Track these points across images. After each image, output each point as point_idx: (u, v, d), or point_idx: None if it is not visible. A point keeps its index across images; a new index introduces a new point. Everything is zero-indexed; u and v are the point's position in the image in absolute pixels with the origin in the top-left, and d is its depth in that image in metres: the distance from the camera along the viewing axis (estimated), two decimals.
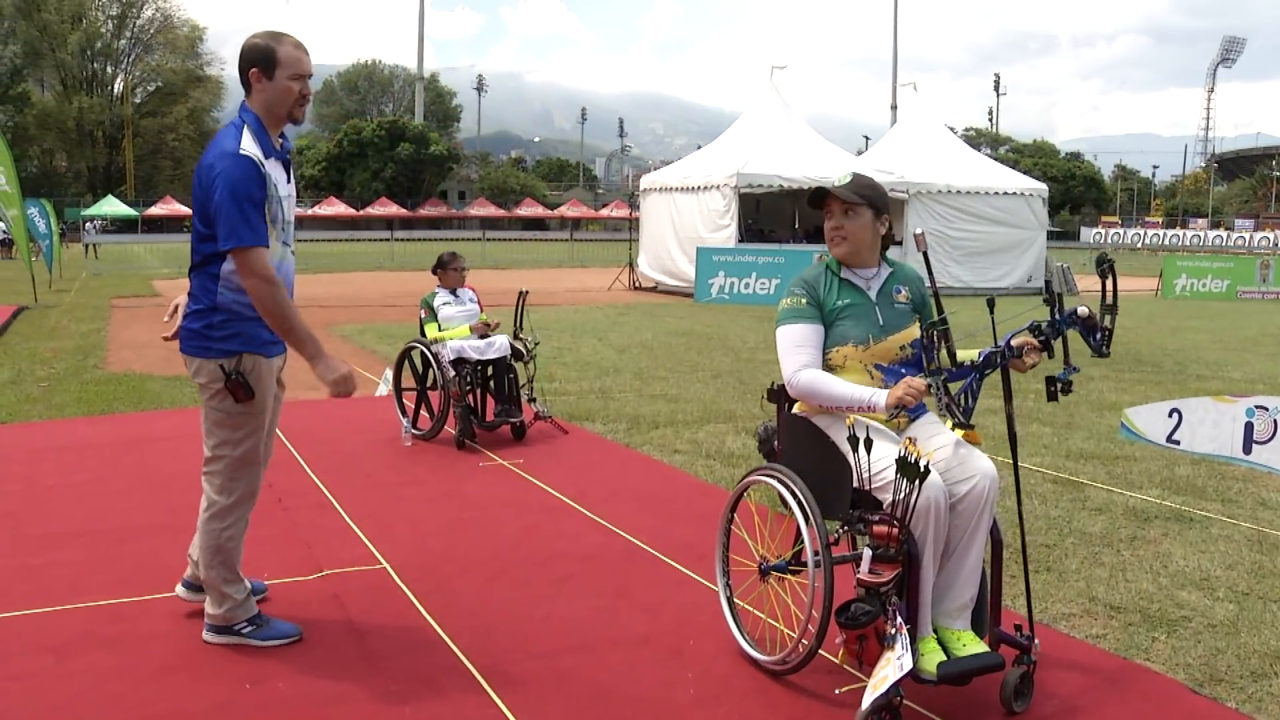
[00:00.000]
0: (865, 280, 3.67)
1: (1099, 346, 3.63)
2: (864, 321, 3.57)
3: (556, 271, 33.75)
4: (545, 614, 4.20)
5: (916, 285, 3.76)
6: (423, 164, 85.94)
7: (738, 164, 22.23)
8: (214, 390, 3.80)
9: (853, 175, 3.66)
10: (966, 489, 3.30)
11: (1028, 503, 6.00)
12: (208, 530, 3.92)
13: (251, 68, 3.73)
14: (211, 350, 3.77)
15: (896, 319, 3.61)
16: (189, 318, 3.82)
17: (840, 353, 3.54)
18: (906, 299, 3.69)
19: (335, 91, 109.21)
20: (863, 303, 3.61)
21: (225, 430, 3.86)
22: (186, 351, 3.85)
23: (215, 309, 3.76)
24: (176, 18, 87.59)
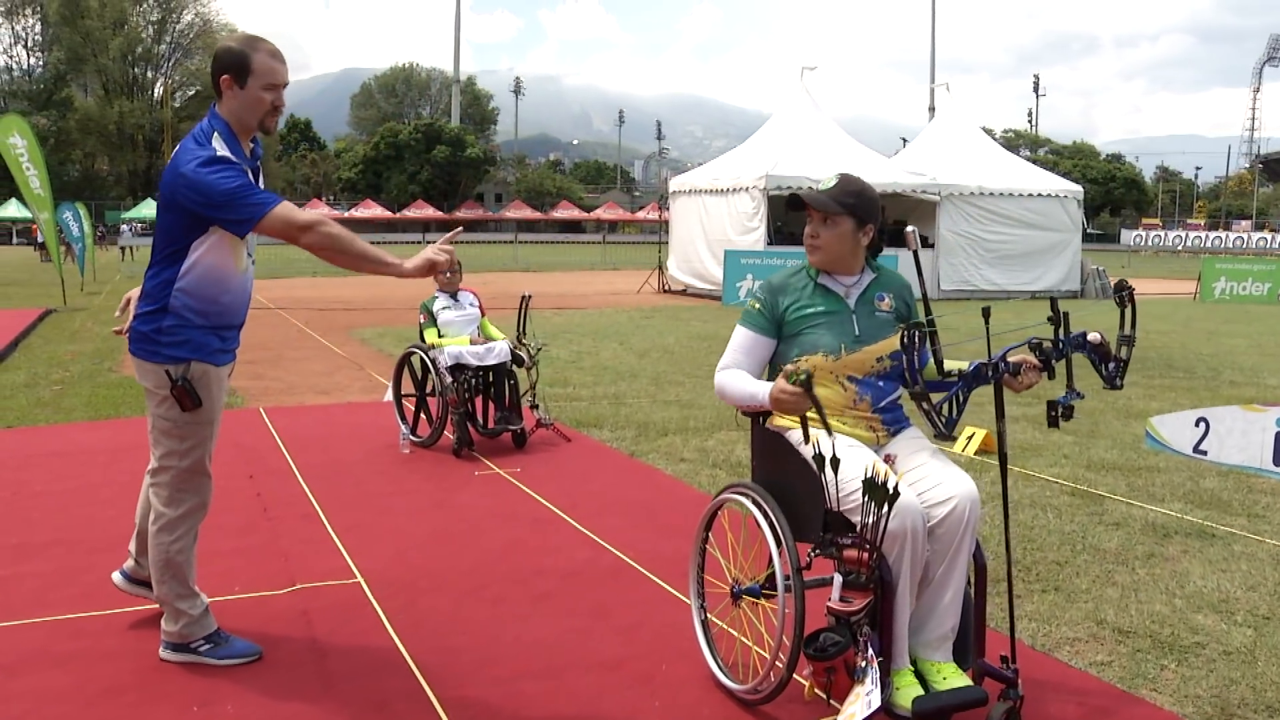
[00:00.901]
0: (844, 287, 3.44)
1: (1112, 378, 3.39)
2: (837, 330, 3.35)
3: (588, 274, 33.64)
4: (516, 635, 4.00)
5: (903, 293, 3.53)
6: (459, 167, 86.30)
7: (766, 166, 21.97)
8: (160, 397, 3.67)
9: (838, 179, 3.42)
10: (945, 511, 3.08)
11: (1041, 516, 5.76)
12: (156, 544, 3.77)
13: (223, 74, 3.61)
14: (159, 355, 3.64)
15: (875, 329, 3.38)
16: (139, 319, 3.69)
17: (810, 362, 3.32)
18: (889, 308, 3.45)
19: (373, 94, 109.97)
20: (839, 310, 3.39)
21: (172, 440, 3.71)
22: (134, 354, 3.72)
23: (166, 311, 3.63)
24: (215, 22, 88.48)
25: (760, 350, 3.43)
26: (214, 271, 3.64)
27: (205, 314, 3.66)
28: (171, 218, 3.59)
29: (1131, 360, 3.47)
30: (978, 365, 3.21)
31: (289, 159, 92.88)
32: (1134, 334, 3.41)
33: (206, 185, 3.45)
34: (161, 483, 3.76)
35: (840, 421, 3.29)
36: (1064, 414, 3.26)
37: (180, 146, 3.61)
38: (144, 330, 3.66)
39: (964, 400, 3.15)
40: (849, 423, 3.29)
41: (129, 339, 3.75)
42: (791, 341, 3.39)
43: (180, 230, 3.58)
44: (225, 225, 3.54)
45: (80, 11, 79.13)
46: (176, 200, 3.53)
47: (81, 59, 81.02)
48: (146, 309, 3.66)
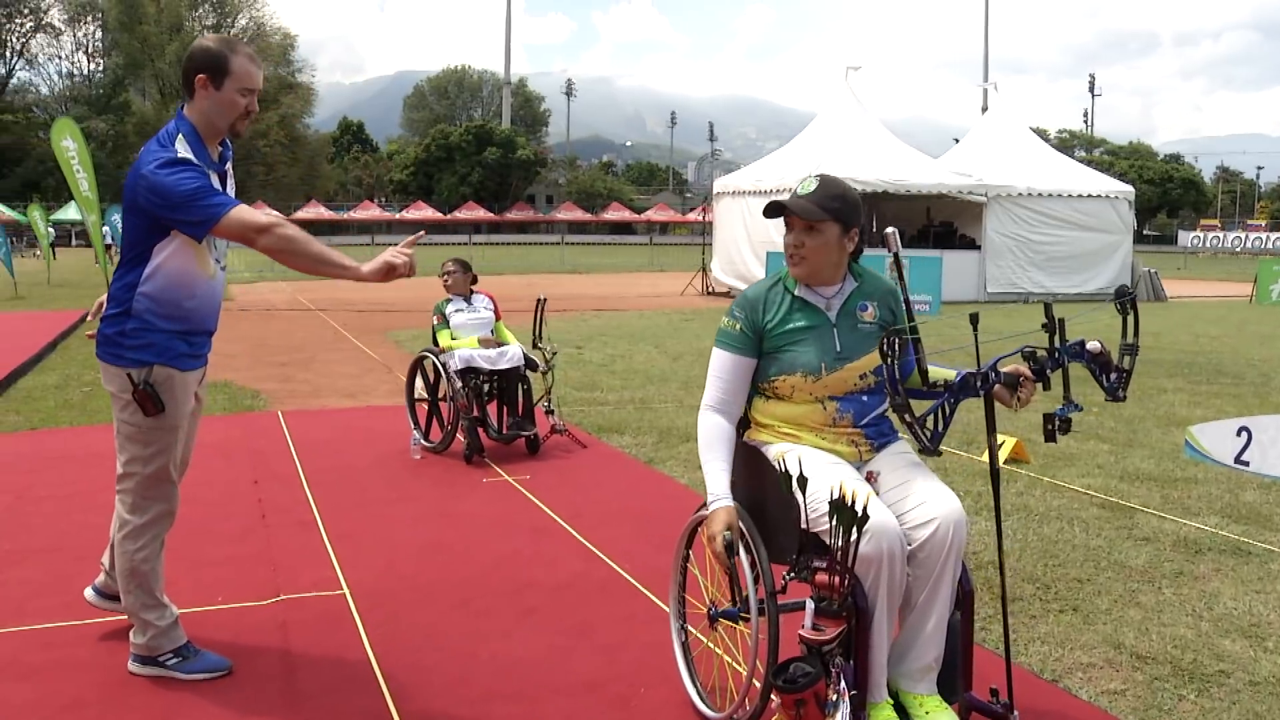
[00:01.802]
0: (825, 299, 3.18)
1: (1114, 389, 3.17)
2: (818, 347, 3.10)
3: (634, 276, 33.48)
4: (494, 653, 3.84)
5: (887, 299, 3.27)
6: (510, 168, 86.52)
7: (810, 167, 21.67)
8: (124, 401, 3.58)
9: (818, 182, 3.14)
10: (927, 534, 2.85)
11: (1066, 530, 5.50)
12: (121, 552, 3.66)
13: (199, 73, 3.52)
14: (123, 359, 3.56)
15: (857, 343, 3.13)
16: (105, 321, 3.61)
17: (788, 382, 3.11)
18: (873, 317, 3.19)
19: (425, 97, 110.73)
20: (820, 325, 3.14)
21: (136, 445, 3.61)
22: (100, 357, 3.63)
23: (129, 314, 3.55)
24: (269, 26, 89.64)
25: (743, 372, 3.18)
26: (178, 275, 3.55)
27: (170, 318, 3.57)
28: (134, 220, 3.52)
29: (1177, 365, 3.25)
30: (965, 375, 2.98)
31: (341, 161, 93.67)
32: (1137, 343, 3.18)
33: (165, 187, 3.37)
34: (126, 489, 3.66)
35: (819, 438, 3.09)
36: (1061, 427, 3.04)
37: (144, 148, 3.53)
38: (108, 333, 3.59)
39: (950, 413, 2.93)
40: (828, 439, 3.09)
41: (96, 343, 3.65)
42: (770, 359, 3.16)
43: (142, 232, 3.51)
44: (182, 228, 3.46)
45: (138, 18, 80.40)
46: (138, 202, 3.46)
47: (139, 64, 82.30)
48: (111, 312, 3.59)
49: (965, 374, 2.98)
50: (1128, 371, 3.18)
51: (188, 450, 3.85)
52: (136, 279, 3.54)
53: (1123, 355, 3.19)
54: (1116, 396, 3.16)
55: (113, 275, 3.64)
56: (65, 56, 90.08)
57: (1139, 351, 3.25)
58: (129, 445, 3.63)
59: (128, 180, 3.51)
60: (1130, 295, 3.23)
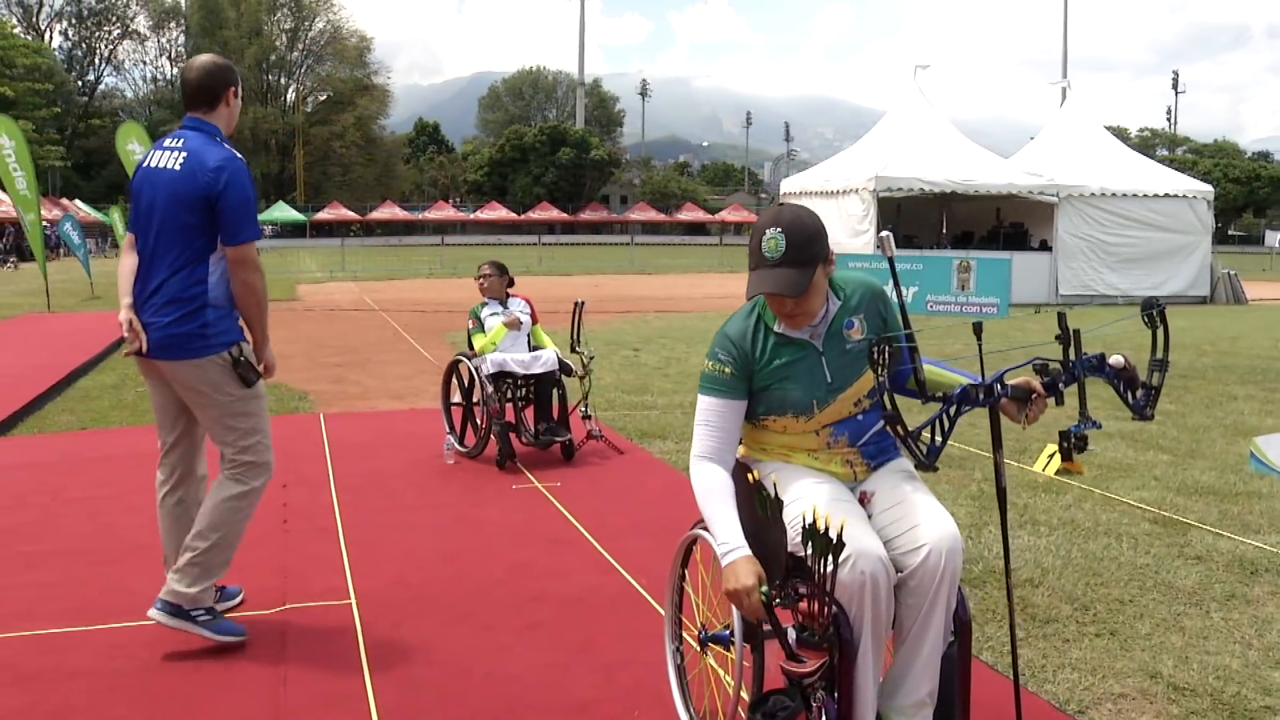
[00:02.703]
0: (810, 329, 2.91)
1: (1141, 408, 2.95)
2: (807, 381, 2.86)
3: (701, 277, 33.28)
4: (489, 670, 3.73)
5: (874, 305, 2.98)
6: (584, 169, 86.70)
7: (876, 167, 21.36)
8: (223, 386, 3.85)
9: (784, 236, 2.75)
10: (918, 560, 2.66)
11: (1113, 547, 5.24)
12: (226, 508, 3.91)
13: (230, 87, 3.94)
14: (213, 346, 3.81)
15: (848, 368, 2.89)
16: (176, 323, 3.79)
17: (779, 422, 2.91)
18: (860, 334, 2.93)
19: (500, 98, 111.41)
20: (806, 357, 2.88)
21: (242, 420, 3.92)
22: (180, 356, 3.81)
23: (205, 307, 3.81)
24: (346, 29, 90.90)
25: (735, 416, 2.90)
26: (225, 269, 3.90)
27: (229, 301, 3.89)
28: (197, 217, 3.77)
29: (1251, 371, 3.03)
30: (966, 387, 2.78)
31: (417, 161, 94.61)
32: (1167, 359, 2.97)
33: (247, 187, 3.81)
34: (238, 464, 3.93)
35: (812, 458, 2.91)
36: (1077, 446, 2.84)
37: (201, 150, 3.80)
38: (187, 331, 3.79)
39: (949, 427, 2.74)
40: (821, 459, 2.90)
41: (159, 350, 3.81)
42: (757, 399, 2.93)
43: (205, 229, 3.79)
44: (229, 232, 3.78)
45: (218, 22, 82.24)
46: (208, 197, 3.74)
47: None
48: (183, 311, 3.78)
49: (966, 385, 2.78)
50: (1156, 389, 2.97)
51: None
52: (205, 274, 3.81)
53: (1151, 371, 2.98)
54: (1144, 415, 2.96)
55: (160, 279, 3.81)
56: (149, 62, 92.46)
57: (1169, 368, 3.04)
58: (236, 423, 3.90)
59: (192, 180, 3.75)
60: (1159, 306, 3.01)
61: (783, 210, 2.83)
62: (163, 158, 3.87)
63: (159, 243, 3.81)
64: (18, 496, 6.10)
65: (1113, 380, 2.91)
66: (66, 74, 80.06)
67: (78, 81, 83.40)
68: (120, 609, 4.31)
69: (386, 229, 77.12)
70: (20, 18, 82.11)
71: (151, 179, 3.87)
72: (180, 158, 3.81)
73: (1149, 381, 2.97)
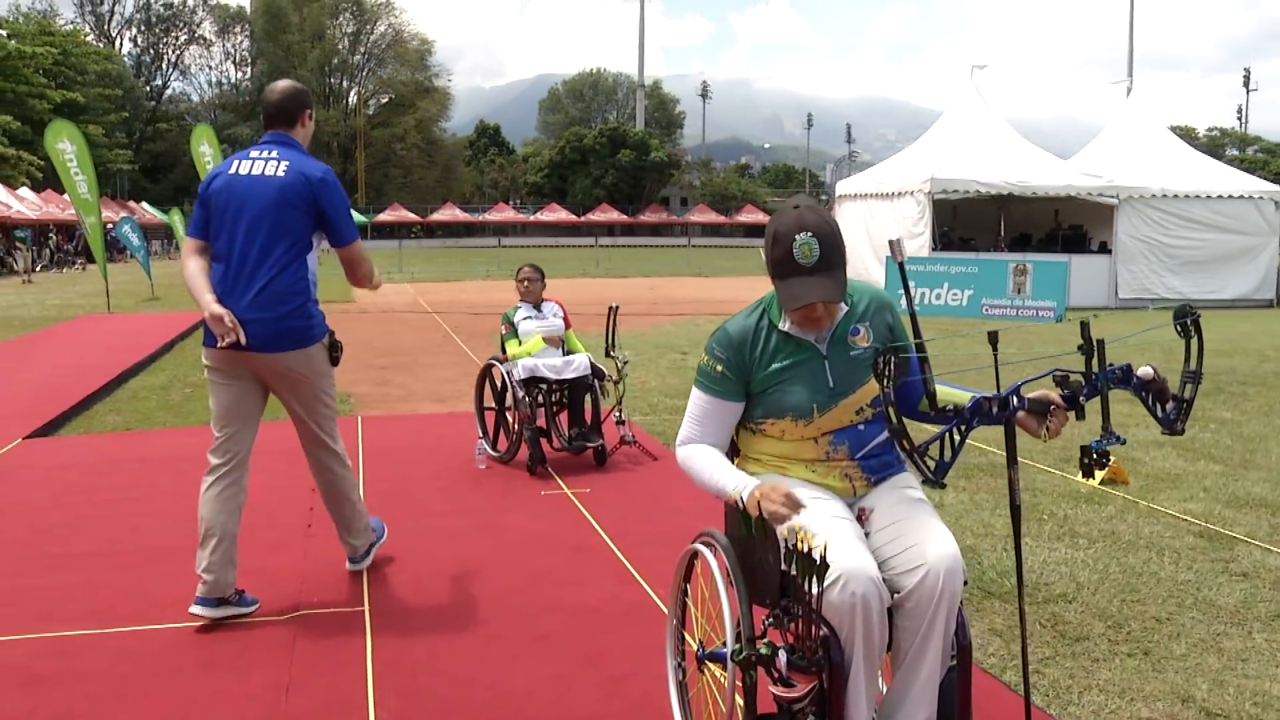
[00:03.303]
0: (816, 332, 2.86)
1: (1171, 422, 2.82)
2: (809, 384, 2.78)
3: (758, 279, 33.03)
4: (492, 681, 3.67)
5: (882, 313, 2.93)
6: (643, 170, 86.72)
7: (932, 168, 21.07)
8: (322, 367, 4.34)
9: (815, 239, 2.71)
10: (915, 581, 2.54)
11: (1154, 561, 5.07)
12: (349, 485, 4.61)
13: (306, 109, 4.42)
14: (314, 335, 4.26)
15: (851, 374, 2.81)
16: (289, 316, 4.16)
17: (777, 425, 2.82)
18: (866, 341, 2.86)
19: (560, 99, 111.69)
20: (808, 359, 2.82)
21: (332, 392, 4.46)
22: (294, 347, 4.19)
23: (310, 300, 4.25)
24: (407, 32, 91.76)
25: (727, 417, 2.89)
26: (315, 265, 4.34)
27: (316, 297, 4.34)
28: (299, 219, 4.18)
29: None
30: (979, 400, 2.66)
31: (478, 163, 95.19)
32: (1200, 371, 2.83)
33: (339, 193, 4.28)
34: (334, 436, 4.51)
35: (810, 470, 2.81)
36: (1098, 462, 2.72)
37: (301, 161, 4.24)
38: (298, 325, 4.19)
39: (960, 443, 2.63)
40: (819, 472, 2.80)
41: (271, 343, 4.14)
42: (756, 401, 2.86)
43: (307, 228, 4.21)
44: (336, 233, 4.28)
45: (282, 26, 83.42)
46: (310, 201, 4.18)
47: (283, 71, 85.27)
48: (294, 305, 4.17)
49: (980, 398, 2.66)
50: (1188, 401, 2.82)
51: None
52: (305, 271, 4.22)
53: (1184, 384, 2.83)
54: (1174, 430, 2.81)
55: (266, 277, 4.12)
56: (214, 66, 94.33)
57: (1202, 380, 2.90)
58: (325, 398, 4.42)
59: (296, 187, 4.15)
60: (1193, 315, 2.87)
61: (804, 214, 2.76)
62: (257, 165, 4.21)
63: (261, 242, 4.11)
64: (55, 497, 6.16)
65: (1140, 393, 2.78)
66: (135, 79, 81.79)
67: (145, 86, 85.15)
68: (135, 613, 4.32)
69: (447, 231, 77.71)
70: (93, 26, 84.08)
71: (247, 185, 4.17)
72: (282, 165, 4.19)
73: (1180, 394, 2.83)
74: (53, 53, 56.53)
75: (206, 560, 4.15)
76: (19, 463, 7.09)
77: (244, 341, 4.07)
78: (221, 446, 4.28)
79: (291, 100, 4.35)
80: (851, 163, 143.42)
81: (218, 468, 4.27)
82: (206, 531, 4.18)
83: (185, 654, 3.92)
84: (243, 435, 4.32)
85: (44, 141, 18.98)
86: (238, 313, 4.08)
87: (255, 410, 4.36)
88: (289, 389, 4.30)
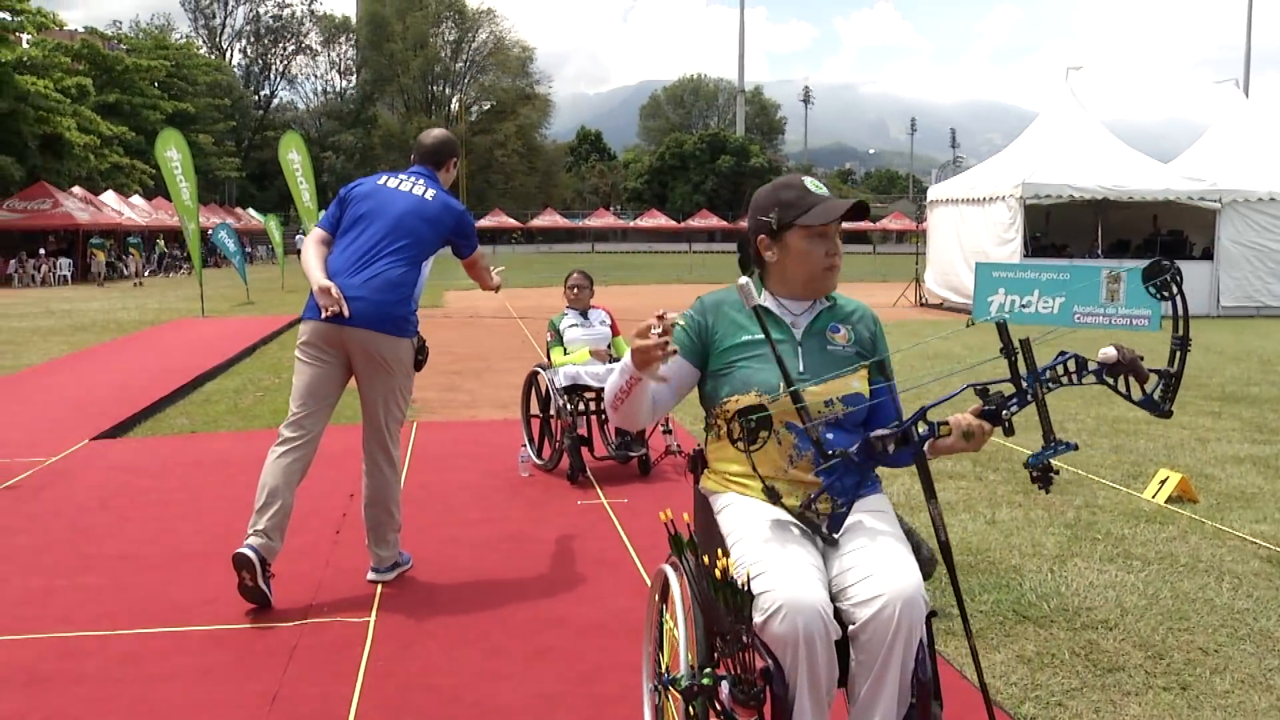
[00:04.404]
0: (793, 315, 2.79)
1: (1155, 403, 2.50)
2: (772, 366, 2.63)
3: (849, 286, 32.44)
4: (479, 698, 3.59)
5: (865, 323, 2.86)
6: (743, 176, 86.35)
7: (1024, 173, 20.50)
8: (408, 365, 4.66)
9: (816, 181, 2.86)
10: (869, 613, 2.37)
11: (1211, 587, 4.77)
12: (395, 490, 4.74)
13: (453, 157, 5.01)
14: (407, 331, 4.60)
15: (824, 365, 2.70)
16: (395, 304, 4.51)
17: (740, 402, 2.67)
18: (846, 340, 2.78)
19: (661, 106, 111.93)
20: (782, 341, 2.71)
21: (408, 396, 4.77)
22: (387, 331, 4.51)
23: (412, 298, 4.62)
24: (508, 39, 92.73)
25: (680, 376, 2.79)
26: (424, 279, 4.82)
27: (417, 304, 4.70)
28: (432, 235, 4.70)
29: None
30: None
31: (579, 169, 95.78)
32: (1187, 337, 2.52)
33: (470, 225, 4.91)
34: (394, 437, 4.72)
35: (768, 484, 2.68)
36: (1040, 478, 2.48)
37: (445, 196, 4.85)
38: (400, 314, 4.54)
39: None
40: (782, 489, 2.66)
41: (372, 320, 4.46)
42: (721, 379, 2.76)
43: (433, 244, 4.73)
44: (462, 247, 4.89)
45: (386, 35, 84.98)
46: (445, 224, 4.74)
47: (386, 79, 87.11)
48: (397, 296, 4.52)
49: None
50: (1175, 374, 2.50)
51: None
52: (417, 275, 4.64)
53: (1172, 353, 2.50)
54: (1161, 411, 2.50)
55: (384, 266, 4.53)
56: (320, 75, 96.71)
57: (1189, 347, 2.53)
58: (403, 400, 4.72)
59: (439, 212, 4.73)
60: (1171, 269, 2.51)
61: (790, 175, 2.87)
62: (405, 184, 4.76)
63: (390, 239, 4.56)
64: (103, 499, 6.27)
65: (1108, 379, 2.49)
66: (244, 89, 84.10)
67: (254, 96, 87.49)
68: (148, 616, 4.35)
69: (547, 236, 78.27)
70: (205, 39, 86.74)
71: (391, 193, 4.70)
72: (430, 192, 4.75)
73: (1168, 368, 2.49)
74: (166, 65, 58.43)
75: (264, 523, 4.38)
76: (81, 463, 7.23)
77: (347, 314, 4.39)
78: (297, 422, 4.54)
79: (444, 147, 4.95)
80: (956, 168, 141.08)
81: (289, 440, 4.53)
82: (268, 496, 4.41)
83: (186, 659, 3.92)
84: (317, 415, 4.57)
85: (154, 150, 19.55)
86: (347, 289, 4.43)
87: (333, 394, 4.64)
88: (372, 375, 4.57)
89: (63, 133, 39.60)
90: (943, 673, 3.71)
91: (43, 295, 29.09)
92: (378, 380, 4.59)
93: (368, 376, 4.59)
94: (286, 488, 4.45)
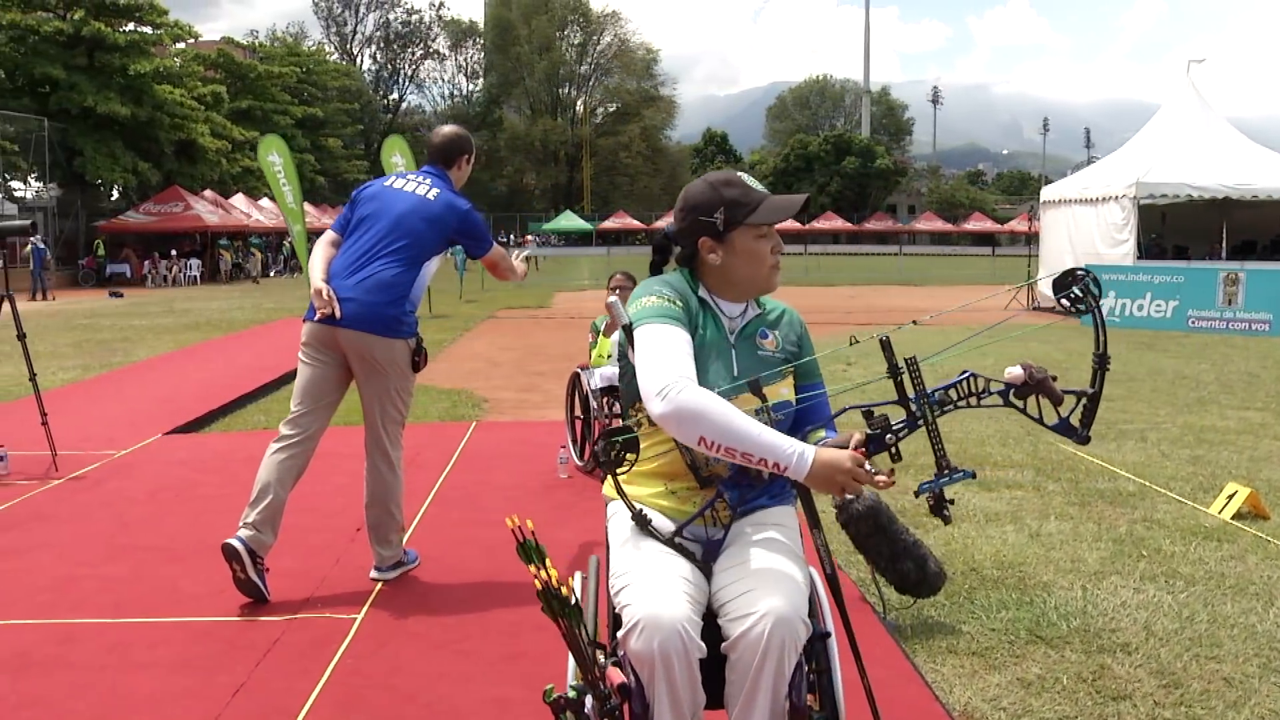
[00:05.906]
0: (729, 318, 2.69)
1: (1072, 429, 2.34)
2: (715, 366, 2.55)
3: (966, 289, 31.87)
4: (431, 700, 3.58)
5: (793, 327, 2.77)
6: (869, 178, 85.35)
7: (1138, 172, 19.73)
8: (402, 366, 4.63)
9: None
10: (739, 630, 2.26)
11: (1246, 605, 4.49)
12: (397, 488, 4.74)
13: (464, 154, 4.92)
14: (402, 332, 4.58)
15: (754, 370, 2.59)
16: (387, 305, 4.51)
17: None
18: (774, 346, 2.68)
19: (787, 107, 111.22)
20: (719, 342, 2.63)
21: (405, 398, 4.75)
22: (379, 332, 4.51)
23: (407, 299, 4.58)
24: (633, 41, 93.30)
25: (691, 350, 2.52)
26: (429, 277, 4.75)
27: (416, 303, 4.69)
28: (434, 235, 4.65)
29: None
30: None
31: (704, 171, 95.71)
32: (1106, 352, 2.37)
33: (478, 223, 4.79)
34: (394, 438, 4.72)
35: (669, 489, 2.59)
36: (937, 507, 2.33)
37: (452, 197, 4.76)
38: (390, 315, 4.52)
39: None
40: (679, 493, 2.56)
41: (361, 322, 4.48)
42: None
43: (436, 245, 4.68)
44: (470, 247, 4.79)
45: (511, 39, 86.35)
46: (448, 225, 4.67)
47: (511, 82, 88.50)
48: (388, 297, 4.52)
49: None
50: (1092, 396, 2.33)
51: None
52: (414, 277, 4.60)
53: (1095, 372, 2.33)
54: (1078, 437, 2.35)
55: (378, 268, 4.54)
56: (447, 79, 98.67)
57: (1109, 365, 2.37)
58: (400, 401, 4.71)
59: (440, 211, 4.67)
60: (1086, 277, 2.36)
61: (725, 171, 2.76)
62: (409, 184, 4.74)
63: (387, 241, 4.55)
64: (153, 491, 6.45)
65: (1012, 401, 2.34)
66: (373, 94, 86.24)
67: (383, 100, 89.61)
68: (151, 606, 4.45)
69: None
70: (337, 45, 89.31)
71: (394, 194, 4.69)
72: (435, 191, 4.71)
73: (1085, 389, 2.32)
74: (297, 71, 60.29)
75: (254, 516, 4.47)
76: (147, 457, 7.46)
77: (338, 316, 4.44)
78: (294, 420, 4.63)
79: (452, 144, 4.88)
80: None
81: (286, 437, 4.62)
82: (260, 491, 4.51)
83: (169, 650, 3.99)
84: (315, 415, 4.65)
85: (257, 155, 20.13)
86: (340, 291, 4.49)
87: (333, 396, 4.71)
88: (366, 376, 4.60)
89: (196, 138, 41.20)
90: (918, 696, 3.59)
91: (170, 295, 30.27)
92: (372, 381, 4.63)
93: (363, 377, 4.64)
94: (279, 484, 4.52)
